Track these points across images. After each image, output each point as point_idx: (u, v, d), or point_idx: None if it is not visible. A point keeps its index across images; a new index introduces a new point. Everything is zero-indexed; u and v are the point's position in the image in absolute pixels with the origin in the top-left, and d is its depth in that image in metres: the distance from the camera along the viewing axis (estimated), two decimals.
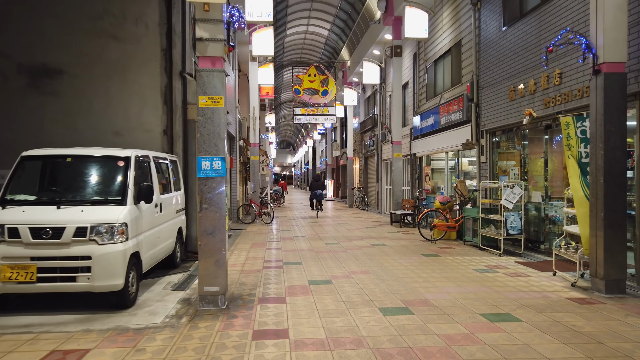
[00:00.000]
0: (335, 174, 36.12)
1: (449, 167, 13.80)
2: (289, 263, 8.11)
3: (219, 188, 5.27)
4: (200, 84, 5.24)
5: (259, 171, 27.61)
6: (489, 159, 10.65)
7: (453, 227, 10.71)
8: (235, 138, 15.88)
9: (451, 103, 12.39)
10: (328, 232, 12.80)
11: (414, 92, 16.18)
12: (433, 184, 15.13)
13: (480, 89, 10.91)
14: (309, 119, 21.11)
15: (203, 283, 5.24)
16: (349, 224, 15.29)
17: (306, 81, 20.54)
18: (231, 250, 9.59)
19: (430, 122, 14.21)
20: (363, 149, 25.47)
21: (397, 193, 15.67)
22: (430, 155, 15.24)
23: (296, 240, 11.15)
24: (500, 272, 7.17)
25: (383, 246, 10.05)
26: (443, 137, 13.19)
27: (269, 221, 15.42)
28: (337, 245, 10.21)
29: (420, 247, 9.92)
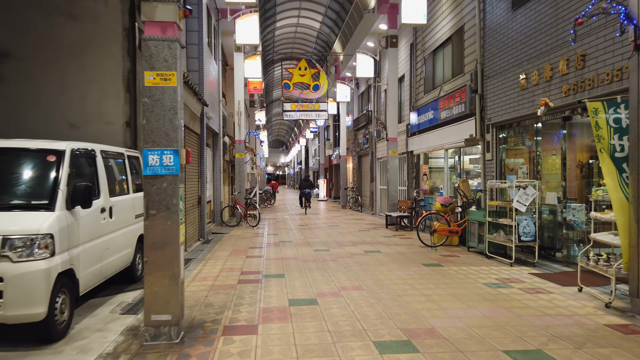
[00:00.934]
0: (328, 173, 35.01)
1: (449, 166, 12.74)
2: (270, 276, 6.99)
3: (172, 189, 4.14)
4: (147, 57, 4.11)
5: (247, 170, 26.46)
6: (495, 156, 9.59)
7: (456, 232, 9.64)
8: (218, 134, 14.73)
9: (452, 95, 11.33)
10: (318, 237, 11.70)
11: (411, 86, 15.12)
12: (431, 184, 14.08)
13: (486, 79, 9.85)
14: (300, 115, 20.00)
15: (150, 310, 4.11)
16: (341, 226, 14.20)
17: (296, 75, 19.45)
18: (206, 260, 8.46)
19: (428, 117, 13.15)
20: (357, 147, 24.39)
21: (392, 194, 14.61)
22: (428, 153, 14.17)
23: (282, 247, 10.04)
24: (515, 288, 6.10)
25: (378, 253, 8.96)
26: (443, 132, 12.13)
27: (254, 224, 14.29)
28: (326, 253, 9.11)
29: (419, 254, 8.85)
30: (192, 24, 11.33)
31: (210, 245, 10.34)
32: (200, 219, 11.37)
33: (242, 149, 15.14)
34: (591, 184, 7.77)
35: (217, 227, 14.01)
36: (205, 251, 9.49)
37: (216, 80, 14.34)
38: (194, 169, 10.73)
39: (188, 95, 9.37)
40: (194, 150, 10.72)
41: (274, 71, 32.80)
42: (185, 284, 6.40)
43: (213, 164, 14.59)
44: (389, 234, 12.14)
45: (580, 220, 7.51)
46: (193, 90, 9.50)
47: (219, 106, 14.73)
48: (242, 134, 15.09)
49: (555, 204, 7.98)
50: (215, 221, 14.69)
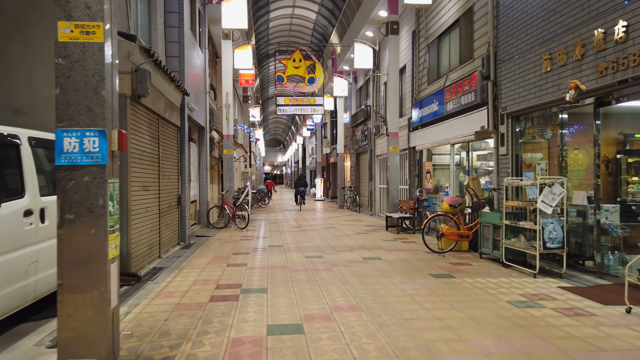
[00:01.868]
0: (325, 172, 33.89)
1: (456, 163, 11.62)
2: (250, 291, 5.86)
3: (97, 185, 3.01)
4: (61, 1, 2.98)
5: (238, 168, 25.29)
6: (511, 150, 8.47)
7: (466, 236, 8.52)
8: (204, 129, 13.58)
9: (460, 84, 10.21)
10: (311, 240, 10.57)
11: (413, 77, 14.00)
12: (435, 183, 12.97)
13: (499, 64, 8.73)
14: (294, 109, 18.86)
15: (67, 353, 2.98)
16: (338, 228, 13.07)
17: (290, 67, 18.33)
18: (180, 269, 7.32)
19: (432, 109, 12.03)
20: (354, 144, 23.27)
21: (393, 193, 13.49)
22: (432, 149, 13.06)
23: (270, 252, 8.91)
24: (548, 308, 4.97)
25: (378, 261, 7.84)
26: (449, 126, 11.01)
27: (243, 226, 13.15)
28: (320, 260, 7.97)
29: (425, 262, 7.72)
30: (172, 4, 10.19)
31: (190, 251, 9.19)
32: (180, 221, 10.22)
33: (231, 145, 13.99)
34: (620, 182, 6.70)
35: (203, 230, 12.87)
36: (182, 258, 8.35)
37: (202, 71, 13.20)
38: (173, 165, 9.59)
39: (163, 80, 8.23)
40: (172, 144, 9.58)
41: (269, 66, 31.63)
42: (146, 302, 5.26)
43: (199, 161, 13.45)
44: (389, 237, 11.01)
45: (615, 224, 6.41)
46: (168, 75, 8.35)
47: (205, 98, 13.59)
48: (230, 129, 13.94)
49: (584, 204, 6.87)
50: (201, 223, 13.54)
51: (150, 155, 7.79)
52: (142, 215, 7.21)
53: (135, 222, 6.86)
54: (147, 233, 7.52)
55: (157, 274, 6.94)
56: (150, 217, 7.75)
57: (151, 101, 7.62)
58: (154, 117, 8.04)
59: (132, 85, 6.60)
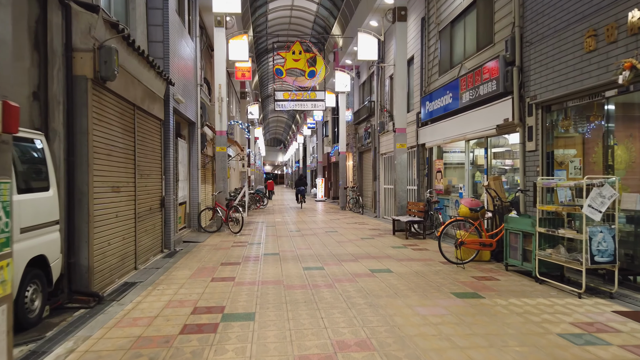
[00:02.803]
0: (327, 172, 32.78)
1: (470, 161, 10.49)
2: (233, 317, 4.74)
3: None
4: None
5: (236, 167, 24.17)
6: (541, 145, 7.35)
7: (489, 244, 7.39)
8: (195, 124, 12.48)
9: (478, 72, 9.09)
10: (311, 247, 9.46)
11: (422, 68, 12.87)
12: (446, 183, 11.85)
13: (527, 46, 7.61)
14: (293, 105, 17.74)
15: None
16: (340, 233, 11.96)
17: (289, 60, 17.20)
18: (155, 284, 6.20)
19: (444, 101, 10.91)
20: (357, 142, 22.16)
21: (400, 194, 12.37)
22: (443, 146, 11.94)
23: (264, 263, 7.80)
24: (614, 345, 3.86)
25: (388, 274, 6.72)
26: (465, 119, 9.89)
27: (237, 230, 12.04)
28: (320, 273, 6.86)
29: (444, 276, 6.61)
30: None
31: (173, 260, 8.09)
32: (164, 226, 9.11)
33: (224, 142, 12.88)
34: None
35: (193, 234, 11.76)
36: (161, 269, 7.24)
37: (192, 61, 12.10)
38: (154, 163, 8.49)
39: (139, 65, 7.13)
40: (154, 139, 8.48)
41: (268, 62, 30.49)
42: (99, 335, 4.16)
43: (189, 159, 12.35)
44: (398, 244, 9.90)
45: None
46: (146, 59, 7.25)
47: (196, 91, 12.49)
48: (223, 124, 12.84)
49: (636, 209, 5.75)
50: (192, 226, 12.44)
51: (123, 150, 6.68)
52: (110, 221, 6.11)
53: (100, 229, 5.76)
54: (118, 242, 6.41)
55: (126, 291, 5.83)
56: (123, 222, 6.64)
57: (123, 87, 6.52)
58: (128, 107, 6.94)
59: (95, 66, 5.50)
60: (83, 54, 5.43)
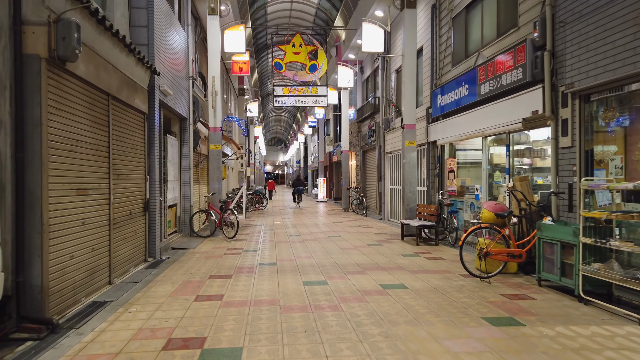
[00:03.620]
0: (328, 171, 31.81)
1: (487, 159, 9.50)
2: (214, 354, 3.76)
3: None
4: None
5: (235, 167, 23.18)
6: (578, 140, 6.36)
7: (518, 255, 6.40)
8: (187, 120, 11.52)
9: (500, 60, 8.11)
10: (312, 256, 8.48)
11: (433, 59, 11.90)
12: (460, 184, 10.87)
13: (560, 27, 6.62)
14: (294, 100, 16.76)
15: None
16: (344, 238, 10.98)
17: (289, 53, 16.27)
18: (129, 304, 5.23)
19: (459, 94, 9.93)
20: (361, 141, 21.18)
21: (409, 196, 11.38)
22: (455, 143, 10.97)
23: (258, 275, 6.83)
24: None
25: (403, 291, 5.75)
26: (484, 113, 8.91)
27: (232, 235, 11.07)
28: (323, 290, 5.88)
29: (468, 293, 5.63)
30: None
31: (157, 272, 7.12)
32: (148, 232, 8.15)
33: (219, 139, 11.91)
34: None
35: (184, 239, 10.79)
36: (140, 284, 6.28)
37: (183, 51, 11.14)
38: (136, 162, 7.53)
39: (114, 47, 6.16)
40: (136, 135, 7.51)
41: (268, 58, 29.49)
42: None
43: (180, 158, 11.39)
44: (408, 251, 8.92)
45: None
46: (122, 41, 6.29)
47: (187, 84, 11.53)
48: (217, 120, 11.86)
49: None
50: (183, 231, 11.48)
51: (93, 146, 5.72)
52: (73, 229, 5.14)
53: (59, 240, 4.79)
54: (85, 254, 5.44)
55: (91, 314, 4.87)
56: (92, 231, 5.68)
57: (93, 73, 5.55)
58: (100, 96, 5.97)
59: (50, 43, 4.53)
60: (35, 28, 4.46)
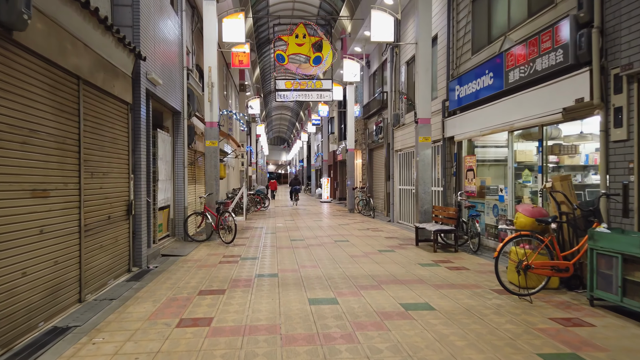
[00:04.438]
0: (332, 171, 30.82)
1: (514, 157, 8.49)
2: None
3: None
4: None
5: (236, 166, 22.22)
6: (635, 132, 5.35)
7: (564, 269, 5.39)
8: (180, 114, 10.56)
9: (533, 42, 7.10)
10: (319, 264, 7.49)
11: (449, 48, 10.89)
12: (479, 183, 9.87)
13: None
14: (297, 95, 15.77)
15: None
16: (353, 242, 9.99)
17: (292, 44, 15.26)
18: (94, 332, 4.24)
19: (481, 84, 8.93)
20: (367, 138, 20.19)
21: (423, 197, 10.38)
22: (475, 139, 9.97)
23: (256, 290, 5.84)
24: None
25: (430, 313, 4.75)
26: (512, 104, 7.90)
27: (229, 240, 10.09)
28: (332, 311, 4.89)
29: (509, 316, 4.62)
30: None
31: (139, 285, 6.15)
32: (133, 239, 7.18)
33: (215, 135, 10.93)
34: None
35: (177, 245, 9.82)
36: (117, 302, 5.31)
37: (176, 39, 10.18)
38: (118, 159, 6.56)
39: (85, 23, 5.20)
40: (117, 127, 6.54)
41: (271, 54, 28.49)
42: None
43: (173, 155, 10.43)
44: (426, 259, 7.92)
45: None
46: (96, 16, 5.32)
47: (181, 76, 10.56)
48: (214, 114, 10.88)
49: None
50: (176, 235, 10.51)
51: (56, 138, 4.75)
52: (27, 240, 4.17)
53: (5, 254, 3.82)
54: (44, 269, 4.47)
55: (46, 346, 3.89)
56: (55, 240, 4.71)
57: (55, 48, 4.58)
58: (67, 79, 5.00)
59: None
60: None
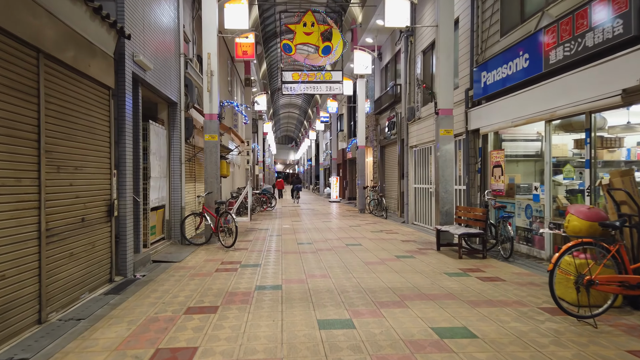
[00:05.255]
0: (341, 170, 29.80)
1: (550, 151, 7.42)
2: None
3: None
4: None
5: (242, 164, 21.26)
6: None
7: (636, 285, 4.34)
8: (177, 105, 9.63)
9: (580, 15, 6.04)
10: (329, 274, 6.49)
11: (472, 31, 9.84)
12: (507, 181, 8.82)
13: None
14: (305, 87, 14.77)
15: None
16: (366, 246, 8.97)
17: (300, 33, 14.28)
18: None
19: (513, 67, 7.88)
20: (379, 135, 19.15)
21: (444, 196, 9.36)
22: (502, 132, 8.92)
23: (255, 309, 4.86)
24: None
25: (472, 342, 3.73)
26: (552, 89, 6.84)
27: (229, 243, 9.12)
28: (348, 339, 3.89)
29: (577, 350, 3.58)
30: None
31: (117, 300, 5.20)
32: (116, 244, 6.24)
33: (215, 128, 9.97)
34: None
35: (173, 248, 8.89)
36: (85, 322, 4.36)
37: (172, 23, 9.25)
38: (96, 150, 5.63)
39: None
40: (97, 114, 5.60)
41: (278, 48, 27.54)
42: None
43: (169, 150, 9.50)
44: (452, 267, 6.89)
45: None
46: None
47: (178, 63, 9.64)
48: (213, 106, 9.92)
49: None
50: (172, 238, 9.57)
51: (3, 121, 3.81)
52: None
53: None
54: None
55: None
56: (3, 249, 3.76)
57: (2, 9, 3.65)
58: (22, 52, 4.06)
59: None
60: None
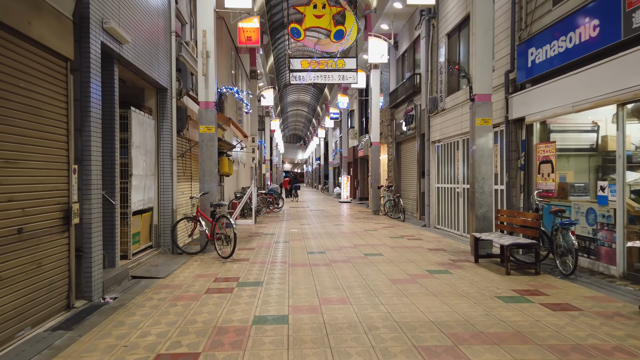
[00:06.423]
0: (352, 168, 28.34)
1: (623, 143, 5.91)
2: None
3: None
4: None
5: (247, 162, 19.84)
6: None
7: None
8: (167, 91, 8.24)
9: None
10: (348, 300, 5.05)
11: (514, 3, 8.34)
12: (558, 180, 7.33)
13: None
14: (315, 76, 13.32)
15: None
16: (388, 257, 7.51)
17: (310, 16, 12.87)
18: None
19: (574, 39, 6.38)
20: (394, 130, 17.67)
21: (481, 198, 7.88)
22: (550, 122, 7.43)
23: (249, 357, 3.44)
24: None
25: None
26: (636, 61, 5.34)
27: (227, 253, 7.70)
28: None
29: None
30: None
31: (64, 341, 3.81)
32: (78, 260, 4.86)
33: (212, 119, 8.56)
34: None
35: (161, 259, 7.50)
36: None
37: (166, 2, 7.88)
38: (48, 139, 4.25)
39: None
40: (51, 93, 4.22)
41: (285, 41, 26.13)
42: None
43: (157, 144, 8.12)
44: (502, 288, 5.41)
45: None
46: None
47: (168, 42, 8.26)
48: (210, 92, 8.51)
49: None
50: (162, 246, 8.19)
51: None
52: None
53: None
54: None
55: None
56: None
57: None
58: None
59: None
60: None
